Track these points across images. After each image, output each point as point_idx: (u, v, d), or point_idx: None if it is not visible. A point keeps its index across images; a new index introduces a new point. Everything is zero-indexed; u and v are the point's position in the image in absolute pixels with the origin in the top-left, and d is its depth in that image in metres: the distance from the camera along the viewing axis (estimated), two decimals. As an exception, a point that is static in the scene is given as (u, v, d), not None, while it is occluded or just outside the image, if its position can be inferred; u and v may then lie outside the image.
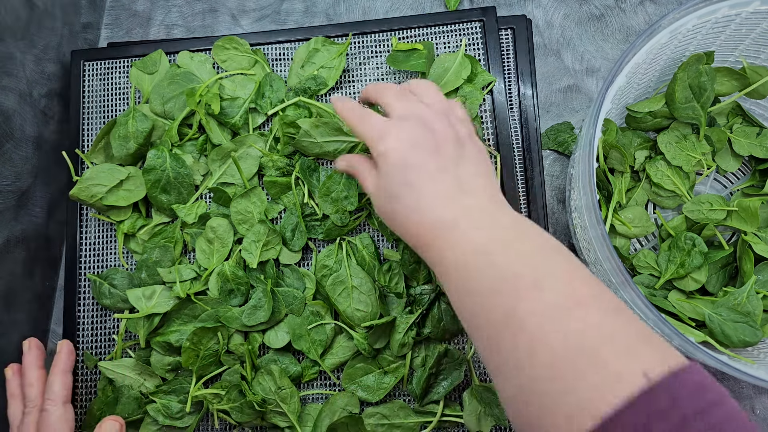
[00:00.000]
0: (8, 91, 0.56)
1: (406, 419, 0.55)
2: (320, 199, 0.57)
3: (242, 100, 0.61)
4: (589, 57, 0.67)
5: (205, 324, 0.56)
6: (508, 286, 0.35)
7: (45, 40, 0.61)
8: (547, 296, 0.34)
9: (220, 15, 0.70)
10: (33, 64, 0.59)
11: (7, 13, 0.54)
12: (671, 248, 0.56)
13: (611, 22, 0.67)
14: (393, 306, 0.57)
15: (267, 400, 0.55)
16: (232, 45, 0.63)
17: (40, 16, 0.60)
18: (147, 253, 0.59)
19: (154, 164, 0.58)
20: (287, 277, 0.59)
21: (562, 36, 0.67)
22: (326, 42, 0.63)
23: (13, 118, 0.57)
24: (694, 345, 0.41)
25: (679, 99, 0.56)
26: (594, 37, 0.67)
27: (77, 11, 0.66)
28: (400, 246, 0.58)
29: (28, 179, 0.53)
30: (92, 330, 0.61)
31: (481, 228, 0.39)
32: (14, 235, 0.58)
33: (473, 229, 0.39)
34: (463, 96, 0.60)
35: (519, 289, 0.35)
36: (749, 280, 0.53)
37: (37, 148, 0.61)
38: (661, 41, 0.48)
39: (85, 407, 0.59)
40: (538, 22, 0.67)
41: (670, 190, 0.58)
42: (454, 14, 0.64)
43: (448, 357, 0.55)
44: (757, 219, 0.55)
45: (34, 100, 0.59)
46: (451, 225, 0.40)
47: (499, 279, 0.36)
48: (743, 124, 0.60)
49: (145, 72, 0.63)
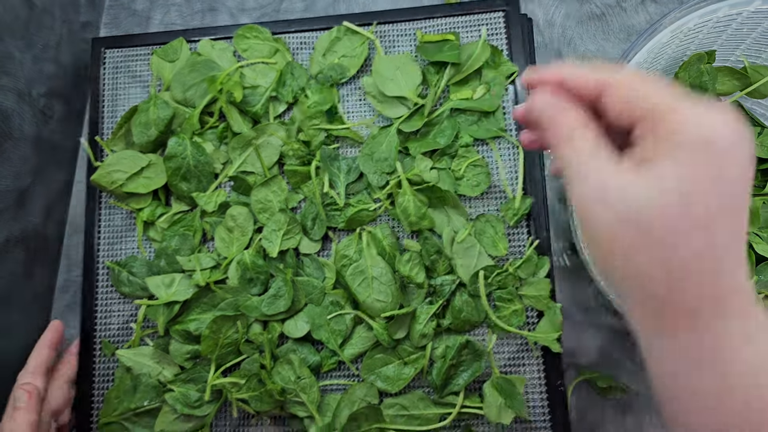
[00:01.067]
0: (7, 91, 0.55)
1: (426, 410, 0.55)
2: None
3: (263, 88, 0.61)
4: (590, 56, 0.66)
5: (225, 312, 0.56)
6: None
7: (44, 40, 0.60)
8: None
9: (219, 14, 0.70)
10: (32, 64, 0.59)
11: (6, 12, 0.54)
12: None
13: (612, 21, 0.67)
14: (413, 296, 0.57)
15: (286, 390, 0.55)
16: (253, 34, 0.62)
17: (39, 15, 0.59)
18: (166, 241, 0.59)
19: (175, 152, 0.58)
20: (307, 267, 0.58)
21: (563, 35, 0.67)
22: (348, 31, 0.62)
23: (12, 118, 0.56)
24: None
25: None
26: (595, 36, 0.66)
27: (76, 10, 0.66)
28: (421, 237, 0.57)
29: (27, 179, 0.53)
30: (109, 318, 0.61)
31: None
32: (14, 235, 0.58)
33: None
34: (486, 83, 0.60)
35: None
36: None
37: (36, 147, 0.60)
38: (662, 40, 0.48)
39: (103, 395, 0.59)
40: (539, 21, 0.67)
41: None
42: (477, 4, 0.63)
43: (469, 348, 0.55)
44: (758, 219, 0.55)
45: (33, 99, 0.59)
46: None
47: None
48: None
49: (165, 60, 0.63)
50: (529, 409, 0.56)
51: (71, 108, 0.66)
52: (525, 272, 0.57)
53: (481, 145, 0.61)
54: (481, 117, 0.60)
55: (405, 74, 0.60)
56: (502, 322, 0.56)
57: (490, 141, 0.61)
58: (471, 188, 0.59)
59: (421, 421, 0.55)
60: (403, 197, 0.57)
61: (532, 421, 0.56)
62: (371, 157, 0.58)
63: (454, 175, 0.59)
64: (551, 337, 0.54)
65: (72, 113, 0.66)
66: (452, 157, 0.59)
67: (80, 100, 0.68)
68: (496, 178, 0.60)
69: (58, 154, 0.63)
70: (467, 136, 0.60)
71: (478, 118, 0.60)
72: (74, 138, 0.67)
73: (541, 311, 0.57)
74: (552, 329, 0.55)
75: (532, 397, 0.56)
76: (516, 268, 0.56)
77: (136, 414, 0.56)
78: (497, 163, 0.60)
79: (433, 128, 0.60)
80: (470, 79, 0.60)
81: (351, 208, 0.59)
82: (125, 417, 0.56)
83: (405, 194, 0.57)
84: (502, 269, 0.56)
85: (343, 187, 0.59)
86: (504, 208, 0.58)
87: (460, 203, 0.58)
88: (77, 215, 0.66)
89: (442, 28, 0.63)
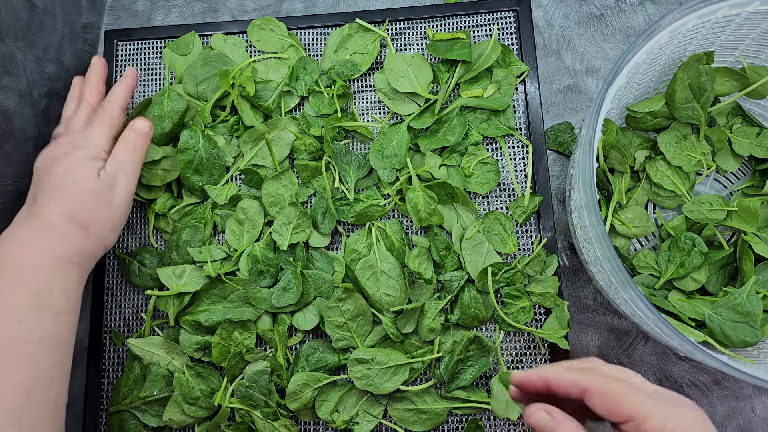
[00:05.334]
0: (9, 91, 0.55)
1: (433, 405, 0.56)
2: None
3: (275, 83, 0.61)
4: (589, 57, 0.66)
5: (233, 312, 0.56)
6: None
7: (45, 40, 0.60)
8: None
9: (220, 15, 0.70)
10: (33, 64, 0.59)
11: (8, 13, 0.54)
12: (671, 248, 0.55)
13: (611, 22, 0.67)
14: (422, 292, 0.57)
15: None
16: (269, 26, 0.63)
17: (41, 16, 0.59)
18: (177, 232, 0.59)
19: (188, 145, 0.59)
20: (316, 260, 0.59)
21: (562, 36, 0.67)
22: (360, 28, 0.63)
23: (14, 119, 0.56)
24: (694, 345, 0.41)
25: (679, 99, 0.56)
26: (594, 37, 0.67)
27: (78, 11, 0.66)
28: (430, 233, 0.58)
29: (27, 179, 0.53)
30: (119, 309, 0.61)
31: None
32: None
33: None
34: (497, 82, 0.60)
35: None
36: (749, 280, 0.53)
37: (37, 148, 0.59)
38: (661, 41, 0.48)
39: (112, 384, 0.60)
40: (538, 22, 0.67)
41: (670, 190, 0.58)
42: (488, 3, 0.64)
43: (477, 344, 0.56)
44: (757, 219, 0.55)
45: (34, 100, 0.59)
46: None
47: None
48: (743, 124, 0.59)
49: (178, 53, 0.64)
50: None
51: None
52: (533, 269, 0.57)
53: (491, 143, 0.62)
54: (491, 115, 0.61)
55: (417, 72, 0.60)
56: (510, 318, 0.56)
57: (500, 139, 0.61)
58: (480, 185, 0.59)
59: (429, 415, 0.55)
60: (413, 193, 0.57)
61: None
62: (381, 153, 0.59)
63: (464, 172, 0.59)
64: (558, 334, 0.55)
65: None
66: (462, 154, 0.60)
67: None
68: (505, 176, 0.61)
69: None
70: (477, 134, 0.60)
71: (488, 116, 0.61)
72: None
73: (548, 308, 0.57)
74: (559, 326, 0.55)
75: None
76: (524, 265, 0.57)
77: (145, 403, 0.57)
78: (506, 161, 0.61)
79: (444, 126, 0.60)
80: (481, 77, 0.61)
81: (361, 203, 0.59)
82: (134, 406, 0.57)
83: (415, 190, 0.57)
84: (511, 266, 0.57)
85: (353, 183, 0.60)
86: (512, 205, 0.59)
87: (469, 200, 0.58)
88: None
89: (454, 27, 0.64)
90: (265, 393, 0.55)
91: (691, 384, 0.58)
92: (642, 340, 0.59)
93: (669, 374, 0.58)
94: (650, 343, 0.59)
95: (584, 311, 0.60)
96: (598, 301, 0.60)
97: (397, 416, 0.56)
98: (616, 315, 0.60)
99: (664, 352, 0.59)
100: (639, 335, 0.59)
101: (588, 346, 0.59)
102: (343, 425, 0.55)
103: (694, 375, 0.58)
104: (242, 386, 0.55)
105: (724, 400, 0.57)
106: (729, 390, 0.58)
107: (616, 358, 0.59)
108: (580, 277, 0.61)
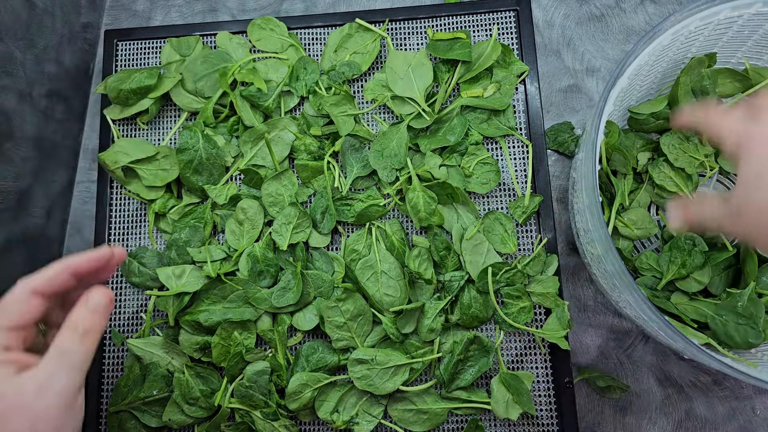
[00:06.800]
0: (8, 91, 0.55)
1: (433, 405, 0.55)
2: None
3: (275, 83, 0.61)
4: (589, 57, 0.66)
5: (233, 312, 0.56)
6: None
7: (45, 40, 0.60)
8: None
9: (219, 15, 0.70)
10: (33, 64, 0.59)
11: (8, 13, 0.54)
12: (672, 249, 0.55)
13: (611, 22, 0.67)
14: (422, 292, 0.57)
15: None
16: (269, 26, 0.63)
17: (41, 16, 0.59)
18: (177, 232, 0.59)
19: (187, 144, 0.59)
20: (316, 260, 0.59)
21: (562, 36, 0.67)
22: (360, 28, 0.63)
23: (13, 118, 0.56)
24: (697, 347, 0.40)
25: (681, 102, 0.56)
26: (594, 36, 0.67)
27: (77, 11, 0.66)
28: (430, 233, 0.58)
29: (28, 179, 0.53)
30: (119, 308, 0.61)
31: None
32: (14, 235, 0.58)
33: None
34: (497, 82, 0.60)
35: None
36: (752, 281, 0.53)
37: (36, 148, 0.60)
38: (663, 43, 0.48)
39: (112, 384, 0.60)
40: (538, 21, 0.67)
41: (673, 192, 0.58)
42: (489, 3, 0.64)
43: (477, 344, 0.55)
44: None
45: (33, 100, 0.59)
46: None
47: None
48: (745, 125, 0.59)
49: (178, 53, 0.64)
50: (535, 405, 0.56)
51: (72, 109, 0.66)
52: (533, 270, 0.57)
53: (491, 143, 0.62)
54: (491, 115, 0.61)
55: (417, 74, 0.60)
56: (510, 318, 0.56)
57: (500, 139, 0.61)
58: (480, 186, 0.59)
59: (429, 415, 0.55)
60: (413, 193, 0.57)
61: (539, 417, 0.56)
62: (381, 153, 0.59)
63: (464, 172, 0.59)
64: (559, 335, 0.55)
65: (73, 114, 0.66)
66: (462, 154, 0.60)
67: (81, 101, 0.68)
68: (505, 176, 0.61)
69: (59, 155, 0.63)
70: (477, 133, 0.60)
71: (488, 116, 0.61)
72: (75, 138, 0.67)
73: (548, 308, 0.57)
74: (560, 327, 0.55)
75: (538, 393, 0.57)
76: (524, 265, 0.57)
77: (145, 403, 0.56)
78: (507, 161, 0.61)
79: (444, 125, 0.60)
80: (481, 77, 0.61)
81: (361, 203, 0.59)
82: (134, 406, 0.57)
83: (415, 190, 0.57)
84: (511, 266, 0.57)
85: (351, 177, 0.60)
86: (513, 205, 0.59)
87: (469, 200, 0.58)
88: (78, 215, 0.66)
89: (454, 27, 0.64)
90: (265, 393, 0.55)
91: (692, 384, 0.58)
92: (642, 340, 0.59)
93: (669, 374, 0.58)
94: (650, 343, 0.59)
95: (584, 311, 0.60)
96: (598, 301, 0.60)
97: (397, 416, 0.56)
98: (617, 315, 0.60)
99: (665, 352, 0.59)
100: (639, 335, 0.59)
101: (588, 346, 0.59)
102: (343, 425, 0.55)
103: (694, 375, 0.58)
104: (242, 386, 0.55)
105: (724, 400, 0.57)
106: (729, 390, 0.58)
107: (616, 358, 0.59)
108: (580, 277, 0.61)
